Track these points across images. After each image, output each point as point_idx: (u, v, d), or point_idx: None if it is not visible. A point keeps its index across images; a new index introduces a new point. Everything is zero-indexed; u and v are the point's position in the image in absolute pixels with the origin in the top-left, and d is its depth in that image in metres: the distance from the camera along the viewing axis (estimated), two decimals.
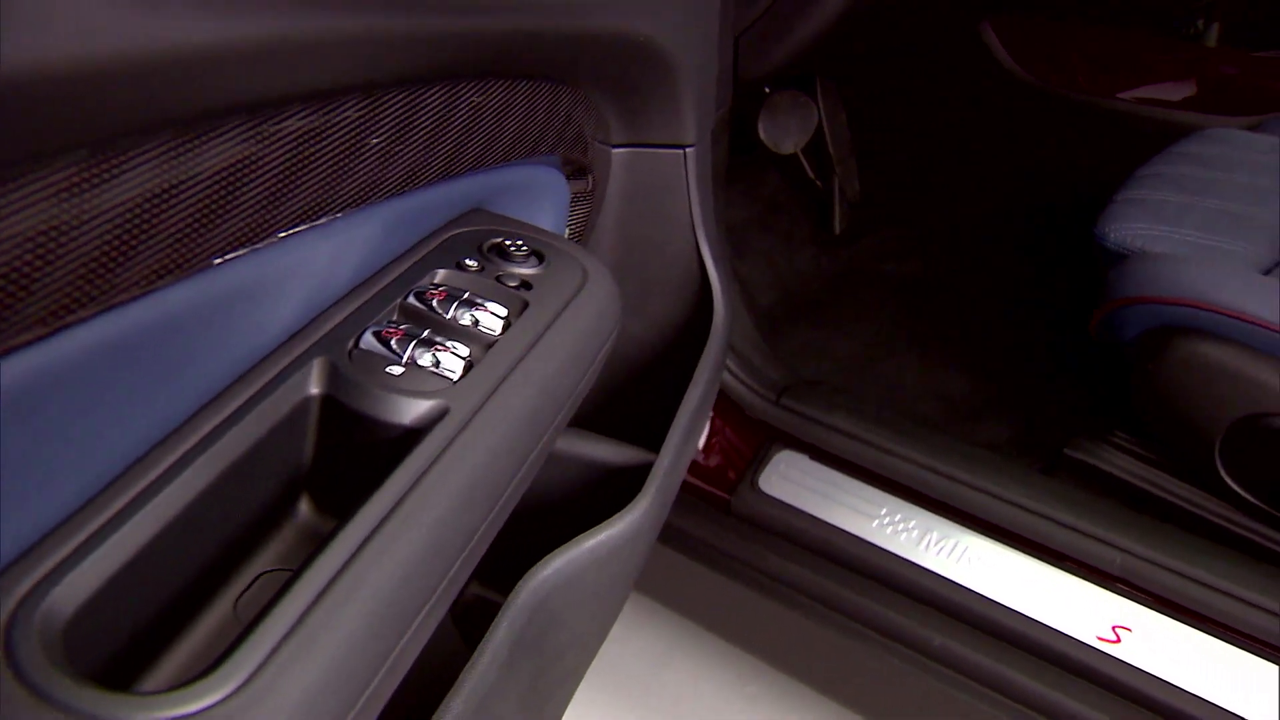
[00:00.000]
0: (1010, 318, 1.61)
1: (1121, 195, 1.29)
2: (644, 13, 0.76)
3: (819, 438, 1.21)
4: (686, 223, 0.96)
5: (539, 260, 0.66)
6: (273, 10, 0.43)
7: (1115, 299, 1.17)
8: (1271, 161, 1.34)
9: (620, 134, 0.89)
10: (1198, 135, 1.40)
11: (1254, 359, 1.07)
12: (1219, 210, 1.24)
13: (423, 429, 0.52)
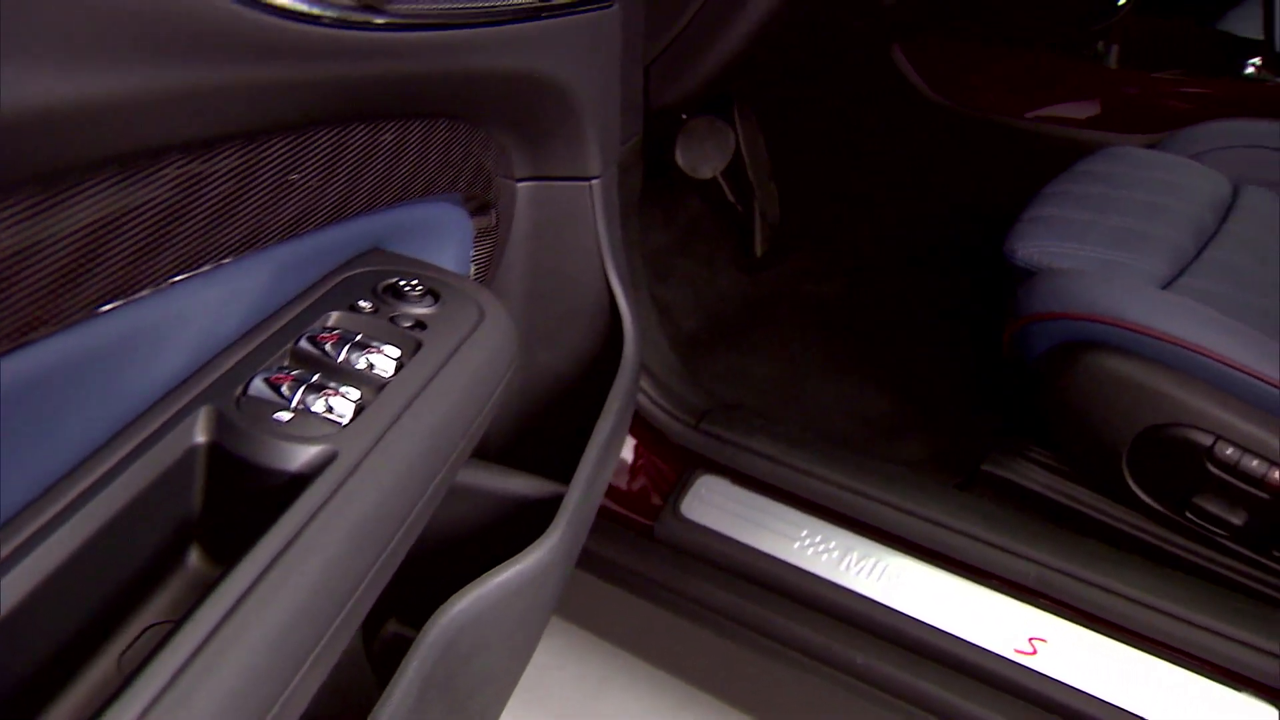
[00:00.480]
0: (928, 336, 1.63)
1: (1028, 213, 1.32)
2: (538, 52, 0.76)
3: (740, 461, 1.22)
4: (595, 254, 0.96)
5: (434, 299, 0.67)
6: (140, 65, 0.43)
7: (1023, 316, 1.19)
8: (1169, 178, 1.38)
9: (524, 168, 0.89)
10: (1101, 153, 1.44)
11: (1155, 371, 1.10)
12: (1121, 226, 1.27)
13: (311, 474, 0.52)
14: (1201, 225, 1.31)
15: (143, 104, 0.44)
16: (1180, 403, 1.09)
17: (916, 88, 1.71)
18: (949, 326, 1.65)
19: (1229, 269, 1.23)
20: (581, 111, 0.86)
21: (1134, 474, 1.15)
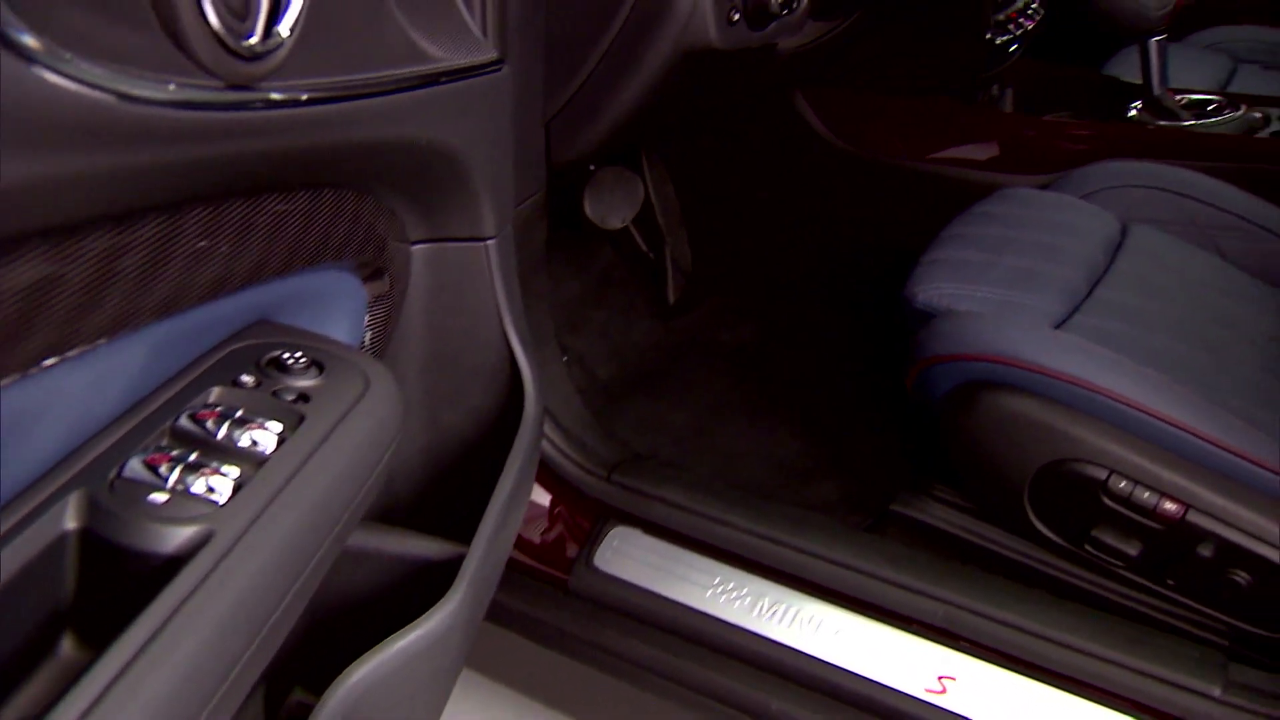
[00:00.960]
0: (840, 378, 1.66)
1: (927, 256, 1.35)
2: (426, 119, 0.77)
3: (651, 512, 1.22)
4: (494, 313, 0.97)
5: (319, 371, 0.67)
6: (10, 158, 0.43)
7: (924, 358, 1.22)
8: (1061, 218, 1.42)
9: (418, 231, 0.90)
10: (996, 195, 1.48)
11: (1051, 409, 1.13)
12: (1016, 267, 1.31)
13: (186, 556, 0.52)
14: (1093, 264, 1.35)
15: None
16: (1075, 439, 1.12)
17: (819, 134, 1.74)
18: (860, 368, 1.67)
19: (1119, 306, 1.27)
20: (473, 174, 0.87)
21: (1035, 509, 1.17)
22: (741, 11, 1.18)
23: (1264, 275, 1.41)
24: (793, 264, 1.89)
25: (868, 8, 1.51)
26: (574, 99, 1.22)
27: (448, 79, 0.80)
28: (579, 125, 1.24)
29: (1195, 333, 1.26)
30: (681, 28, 1.14)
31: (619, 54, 1.17)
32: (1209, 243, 1.45)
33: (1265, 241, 1.43)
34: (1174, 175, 1.50)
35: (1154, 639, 1.07)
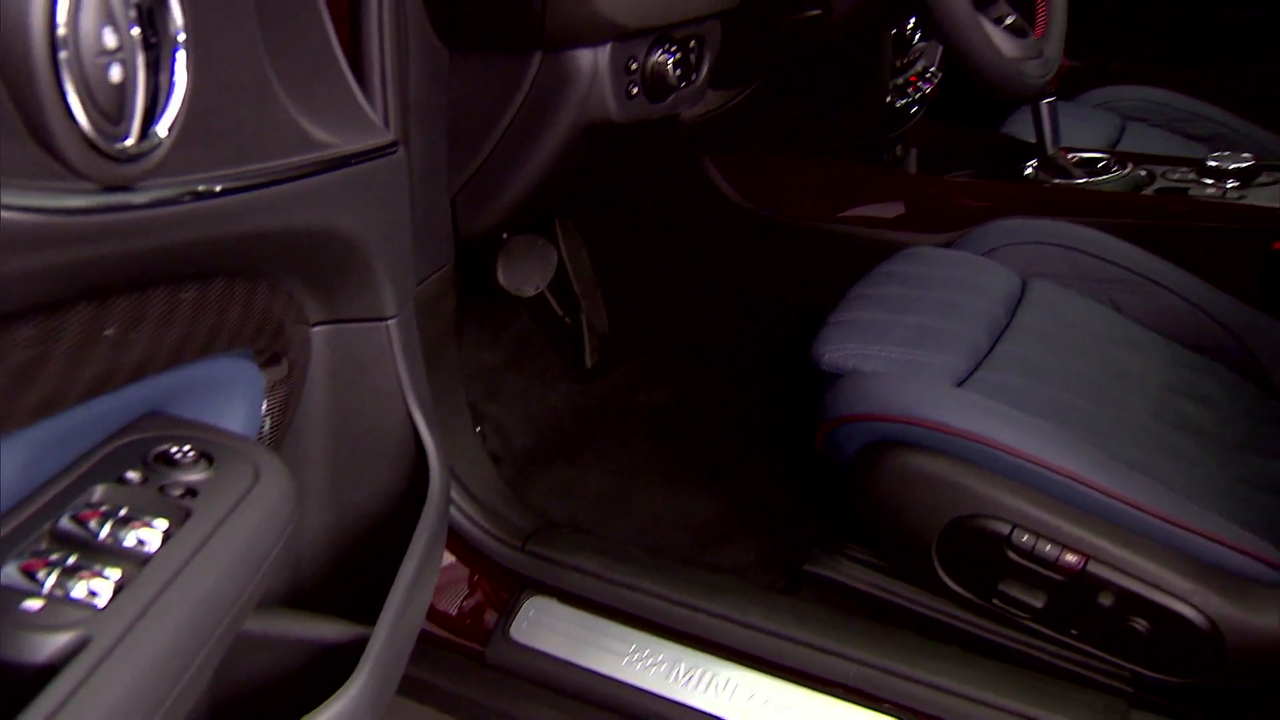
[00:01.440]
0: (755, 438, 1.68)
1: (833, 318, 1.38)
2: (319, 206, 0.78)
3: (567, 581, 1.23)
4: (398, 392, 0.97)
5: (209, 463, 0.66)
6: None
7: (831, 419, 1.24)
8: (963, 276, 1.46)
9: (317, 313, 0.90)
10: (900, 255, 1.52)
11: (955, 466, 1.16)
12: (919, 325, 1.34)
13: (59, 665, 0.51)
14: (994, 320, 1.38)
15: None
16: (978, 495, 1.15)
17: (728, 197, 1.78)
18: (775, 428, 1.69)
19: (1020, 361, 1.31)
20: (371, 257, 0.88)
21: (944, 565, 1.19)
22: (640, 85, 1.20)
23: (1155, 326, 1.46)
24: (708, 325, 1.91)
25: (767, 76, 1.55)
26: (478, 173, 1.23)
27: (341, 165, 0.81)
28: (485, 199, 1.25)
29: (1092, 384, 1.30)
30: (580, 102, 1.16)
31: (520, 129, 1.19)
32: (1104, 296, 1.50)
33: (1154, 294, 1.48)
34: (1069, 231, 1.55)
35: (1061, 689, 1.09)
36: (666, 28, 1.20)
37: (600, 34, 1.12)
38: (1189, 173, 1.68)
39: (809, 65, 1.65)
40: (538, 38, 1.12)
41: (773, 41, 1.38)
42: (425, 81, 1.13)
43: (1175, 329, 1.46)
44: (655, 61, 1.21)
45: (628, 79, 1.19)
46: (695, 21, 1.24)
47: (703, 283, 1.89)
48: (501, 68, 1.17)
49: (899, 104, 1.80)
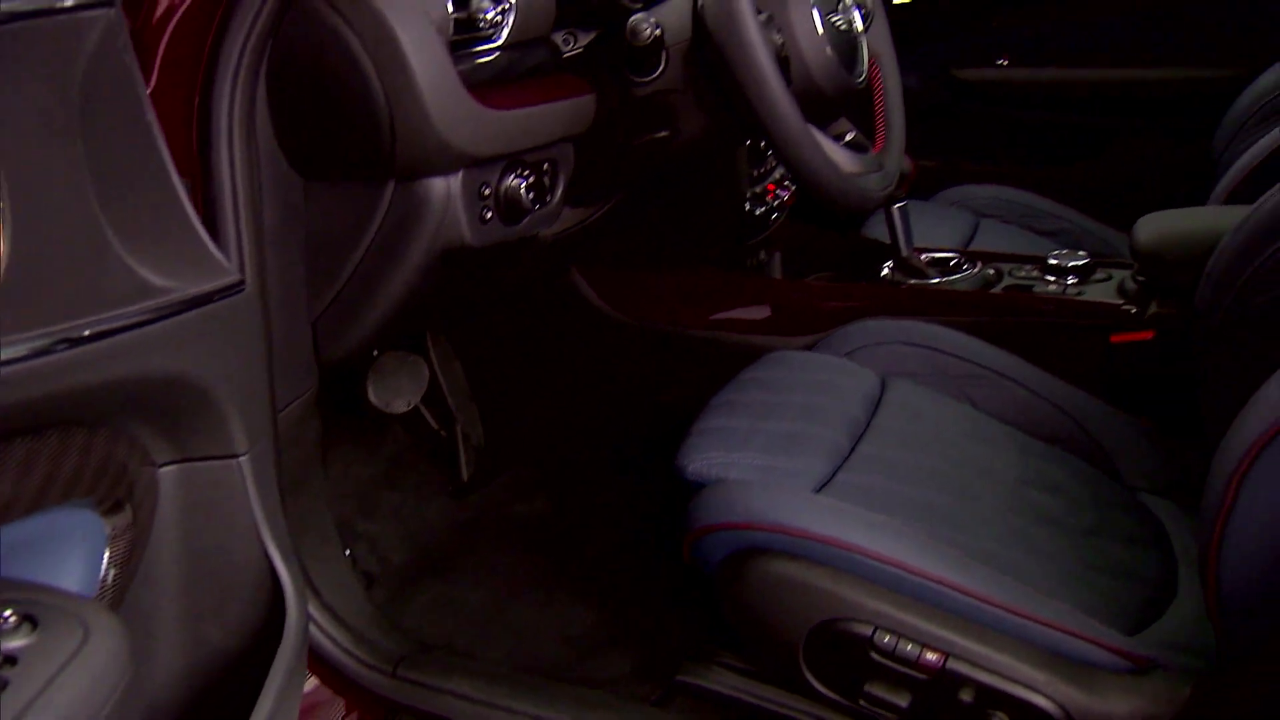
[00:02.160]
0: (630, 547, 1.69)
1: (697, 426, 1.40)
2: (157, 354, 0.78)
3: (439, 705, 1.21)
4: (252, 528, 0.96)
5: (33, 626, 0.65)
6: None
7: (696, 529, 1.26)
8: (824, 379, 1.50)
9: (164, 453, 0.89)
10: (762, 360, 1.55)
11: (817, 571, 1.18)
12: (781, 431, 1.37)
13: None
14: (854, 421, 1.42)
15: None
16: (841, 598, 1.17)
17: (597, 307, 1.81)
18: (649, 536, 1.71)
19: (880, 461, 1.35)
20: (219, 396, 0.88)
21: (811, 669, 1.21)
22: (494, 210, 1.23)
23: (1008, 419, 1.51)
24: (583, 434, 1.93)
25: (626, 191, 1.59)
26: (337, 299, 1.24)
27: (183, 309, 0.82)
28: (346, 324, 1.26)
29: (950, 480, 1.34)
30: (435, 229, 1.18)
31: (376, 255, 1.20)
32: (959, 392, 1.55)
33: (1006, 388, 1.54)
34: (924, 330, 1.61)
35: None
36: (518, 154, 1.23)
37: (451, 163, 1.15)
38: (1033, 270, 1.77)
39: (667, 178, 1.70)
40: (389, 168, 1.14)
41: (627, 160, 1.42)
42: (280, 212, 1.14)
43: (1027, 421, 1.52)
44: (508, 186, 1.24)
45: (481, 204, 1.21)
46: (547, 146, 1.27)
47: (576, 392, 1.91)
48: (356, 196, 1.19)
49: (758, 211, 1.87)
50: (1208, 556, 0.99)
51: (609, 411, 1.90)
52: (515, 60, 1.26)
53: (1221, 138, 2.13)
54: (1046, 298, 1.69)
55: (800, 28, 1.28)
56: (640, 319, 1.81)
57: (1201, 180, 2.06)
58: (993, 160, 2.68)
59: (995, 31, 2.60)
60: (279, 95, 1.10)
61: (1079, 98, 2.58)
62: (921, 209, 2.22)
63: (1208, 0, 2.45)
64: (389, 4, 1.07)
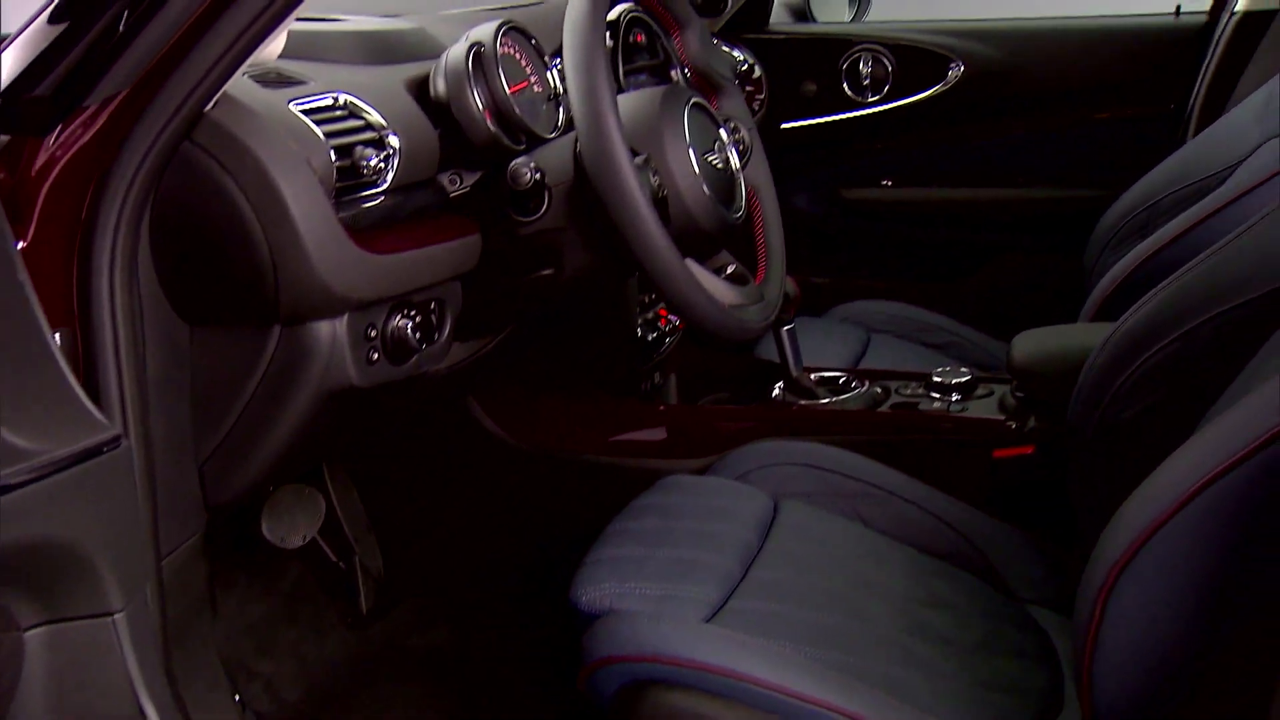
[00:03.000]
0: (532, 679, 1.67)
1: (591, 555, 1.41)
2: (22, 520, 0.77)
3: None
4: (127, 687, 0.94)
5: None
6: None
7: (589, 662, 1.26)
8: (717, 503, 1.52)
9: (31, 616, 0.88)
10: (657, 486, 1.57)
11: (710, 702, 1.18)
12: (674, 559, 1.38)
13: None
14: (746, 546, 1.44)
15: None
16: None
17: (494, 434, 1.82)
18: (548, 668, 1.70)
19: (772, 586, 1.36)
20: (91, 554, 0.87)
21: None
22: (381, 351, 1.24)
23: (898, 536, 1.55)
24: (482, 564, 1.92)
25: (517, 324, 1.62)
26: (225, 442, 1.23)
27: (53, 470, 0.81)
28: (233, 466, 1.25)
29: (843, 602, 1.36)
30: (321, 373, 1.19)
31: (263, 400, 1.20)
32: (851, 511, 1.58)
33: (896, 506, 1.58)
34: (815, 451, 1.64)
35: None
36: (404, 295, 1.25)
37: (336, 308, 1.17)
38: (919, 387, 1.83)
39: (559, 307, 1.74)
40: (274, 314, 1.16)
41: (515, 296, 1.45)
42: (164, 358, 1.14)
43: (916, 538, 1.55)
44: (395, 326, 1.25)
45: (368, 345, 1.23)
46: (433, 286, 1.29)
47: (475, 520, 1.91)
48: (241, 341, 1.19)
49: (651, 337, 1.90)
50: (1081, 671, 1.02)
51: (508, 540, 1.90)
52: (401, 203, 1.29)
53: (1090, 254, 2.24)
54: (932, 415, 1.75)
55: (677, 169, 1.33)
56: (537, 445, 1.83)
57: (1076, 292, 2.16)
58: (882, 276, 2.77)
59: (879, 154, 2.71)
60: (162, 243, 1.11)
61: (959, 216, 2.70)
62: (814, 326, 2.29)
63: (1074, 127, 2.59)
64: (271, 156, 1.09)
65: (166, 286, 1.13)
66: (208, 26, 1.01)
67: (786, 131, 2.71)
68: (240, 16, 1.01)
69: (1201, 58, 2.45)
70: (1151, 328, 1.42)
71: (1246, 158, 2.01)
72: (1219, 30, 2.43)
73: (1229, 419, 1.00)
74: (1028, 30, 2.68)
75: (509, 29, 1.45)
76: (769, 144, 2.55)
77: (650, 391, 1.93)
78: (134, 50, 1.01)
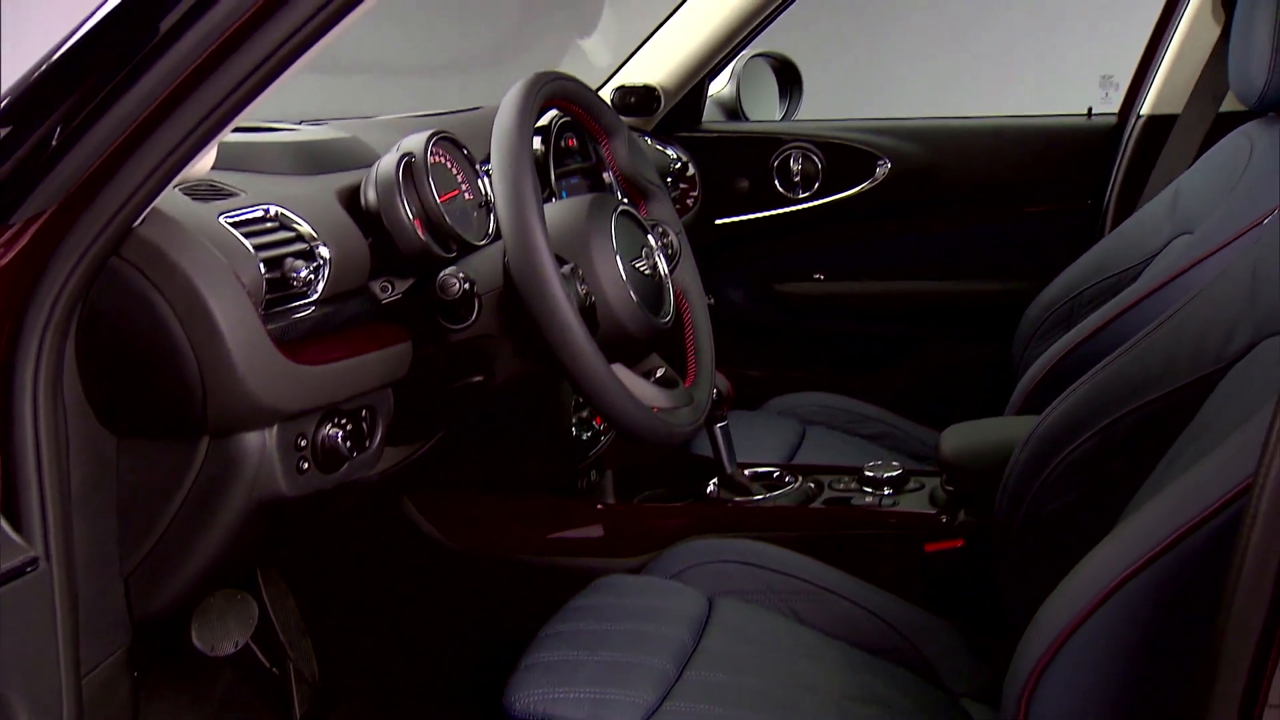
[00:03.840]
0: None
1: (525, 660, 1.40)
2: None
3: None
4: None
5: None
6: None
7: None
8: (652, 604, 1.52)
9: None
10: (591, 587, 1.57)
11: None
12: (609, 662, 1.38)
13: None
14: (681, 647, 1.44)
15: None
16: None
17: (430, 536, 1.81)
18: None
19: (707, 687, 1.36)
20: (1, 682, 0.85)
21: None
22: (311, 460, 1.24)
23: (833, 633, 1.55)
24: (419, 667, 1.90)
25: (449, 427, 1.62)
26: (151, 554, 1.22)
27: None
28: (160, 579, 1.24)
29: (778, 702, 1.36)
30: (250, 484, 1.18)
31: (191, 511, 1.20)
32: (785, 608, 1.59)
33: (830, 602, 1.59)
34: (750, 548, 1.66)
35: None
36: (334, 404, 1.26)
37: (265, 420, 1.17)
38: (851, 482, 1.85)
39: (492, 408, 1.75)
40: (202, 426, 1.16)
41: (447, 401, 1.46)
42: (89, 470, 1.13)
43: (851, 633, 1.56)
44: (325, 435, 1.26)
45: (298, 455, 1.23)
46: (364, 394, 1.30)
47: (412, 623, 1.89)
48: (169, 453, 1.19)
49: (585, 436, 1.92)
50: None
51: (444, 642, 1.88)
52: (331, 313, 1.30)
53: (1017, 345, 2.29)
54: (864, 510, 1.77)
55: (604, 277, 1.35)
56: (473, 545, 1.82)
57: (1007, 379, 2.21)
58: (816, 368, 2.82)
59: (811, 248, 2.77)
60: (89, 357, 1.11)
61: (890, 308, 2.76)
62: (750, 419, 2.31)
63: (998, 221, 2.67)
64: (199, 271, 1.10)
65: (93, 400, 1.13)
66: (138, 144, 1.02)
67: (720, 227, 2.76)
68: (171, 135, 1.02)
69: (1113, 157, 2.55)
70: (1071, 424, 1.46)
71: (1159, 252, 2.09)
72: (1128, 131, 2.54)
73: (1140, 517, 1.03)
74: (951, 129, 2.77)
75: (440, 138, 1.48)
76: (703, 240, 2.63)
77: (586, 489, 1.93)
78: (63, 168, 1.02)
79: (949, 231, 2.70)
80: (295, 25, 0.99)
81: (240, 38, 0.99)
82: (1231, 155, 2.01)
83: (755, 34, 2.62)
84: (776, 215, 2.74)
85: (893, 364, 2.78)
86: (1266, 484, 0.78)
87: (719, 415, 1.79)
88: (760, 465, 1.93)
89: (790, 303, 2.79)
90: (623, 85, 2.62)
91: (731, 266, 2.79)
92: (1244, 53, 1.93)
